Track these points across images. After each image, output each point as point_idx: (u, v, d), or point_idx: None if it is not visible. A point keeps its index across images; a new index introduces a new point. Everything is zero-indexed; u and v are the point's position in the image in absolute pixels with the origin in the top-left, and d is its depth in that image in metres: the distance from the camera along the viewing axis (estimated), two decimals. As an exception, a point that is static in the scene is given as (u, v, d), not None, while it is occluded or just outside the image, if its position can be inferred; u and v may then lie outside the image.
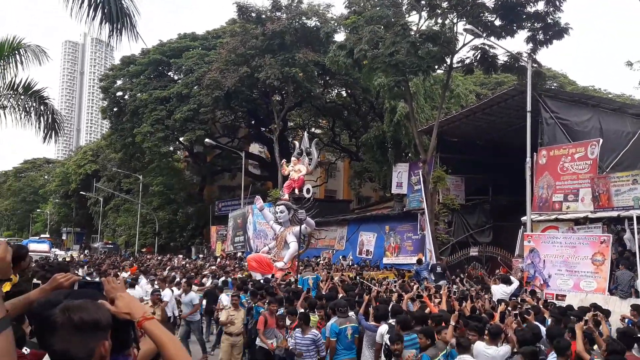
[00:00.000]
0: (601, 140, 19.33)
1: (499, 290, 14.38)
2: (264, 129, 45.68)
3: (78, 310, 2.06)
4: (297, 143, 21.59)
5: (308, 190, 19.97)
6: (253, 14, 37.65)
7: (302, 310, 10.00)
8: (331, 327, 8.86)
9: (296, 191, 19.40)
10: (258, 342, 10.25)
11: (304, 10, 37.03)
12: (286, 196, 19.37)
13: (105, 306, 2.19)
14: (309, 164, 20.40)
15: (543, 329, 8.63)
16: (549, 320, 9.76)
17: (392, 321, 8.77)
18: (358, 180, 44.67)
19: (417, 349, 7.48)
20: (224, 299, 13.48)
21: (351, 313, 9.38)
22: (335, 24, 35.46)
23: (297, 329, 9.06)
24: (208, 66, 40.68)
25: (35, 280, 5.39)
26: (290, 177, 19.90)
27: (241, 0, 37.48)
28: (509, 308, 10.71)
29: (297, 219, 18.27)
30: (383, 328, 8.57)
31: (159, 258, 32.41)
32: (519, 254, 20.15)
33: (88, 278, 3.01)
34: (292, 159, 20.27)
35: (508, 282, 15.09)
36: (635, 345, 7.67)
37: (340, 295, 11.52)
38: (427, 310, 9.67)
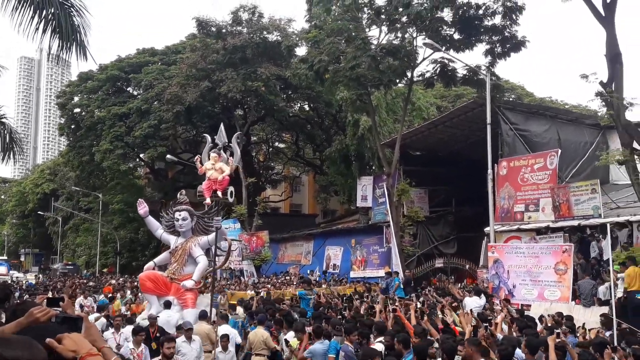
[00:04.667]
0: (560, 151, 19.74)
1: (474, 303, 14.28)
2: (227, 143, 45.20)
3: (1, 345, 1.94)
4: (208, 137, 17.94)
5: (232, 194, 16.97)
6: (213, 29, 37.38)
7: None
8: (332, 345, 8.66)
9: (219, 194, 16.21)
10: None
11: (265, 24, 36.95)
12: (208, 200, 16.13)
13: (51, 344, 2.09)
14: (232, 162, 16.90)
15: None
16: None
17: (382, 339, 8.69)
18: (324, 194, 44.61)
19: None
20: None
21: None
22: (297, 39, 35.45)
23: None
24: (168, 81, 40.10)
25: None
26: (208, 177, 16.51)
27: (201, 15, 37.29)
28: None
29: (202, 228, 15.62)
30: (379, 347, 8.42)
31: (121, 280, 31.63)
32: (483, 265, 20.34)
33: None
34: (212, 155, 16.82)
35: (481, 294, 15.11)
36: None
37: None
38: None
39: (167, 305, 13.51)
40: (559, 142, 21.06)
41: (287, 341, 10.35)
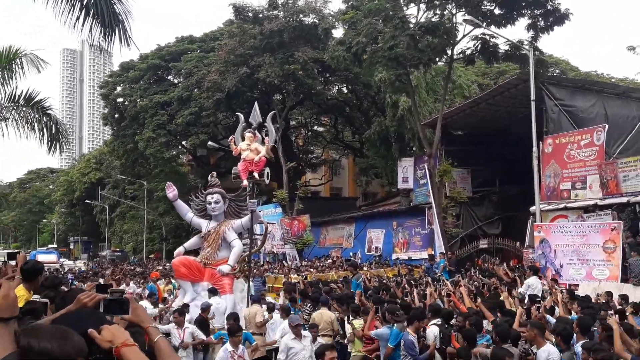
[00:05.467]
0: (607, 126, 19.14)
1: (538, 283, 13.64)
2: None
3: (30, 335, 1.97)
4: (241, 116, 17.26)
5: (268, 175, 16.33)
6: (250, 14, 37.45)
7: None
8: (393, 333, 8.35)
9: (255, 175, 15.58)
10: None
11: (301, 7, 36.81)
12: (245, 182, 15.61)
13: (92, 334, 2.14)
14: (268, 142, 16.31)
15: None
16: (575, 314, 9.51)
17: (437, 321, 8.62)
18: (364, 177, 44.44)
19: None
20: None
21: None
22: (333, 20, 35.22)
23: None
24: (207, 68, 40.55)
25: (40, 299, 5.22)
26: (244, 158, 15.82)
27: (237, 0, 37.32)
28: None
29: (235, 211, 14.99)
30: (433, 329, 8.39)
31: (167, 265, 32.23)
32: (529, 245, 20.00)
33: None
34: (247, 134, 16.12)
35: (538, 272, 14.71)
36: None
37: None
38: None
39: (213, 292, 13.13)
40: (605, 117, 20.36)
41: (347, 321, 10.32)
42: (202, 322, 10.72)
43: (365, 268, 22.12)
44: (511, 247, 23.21)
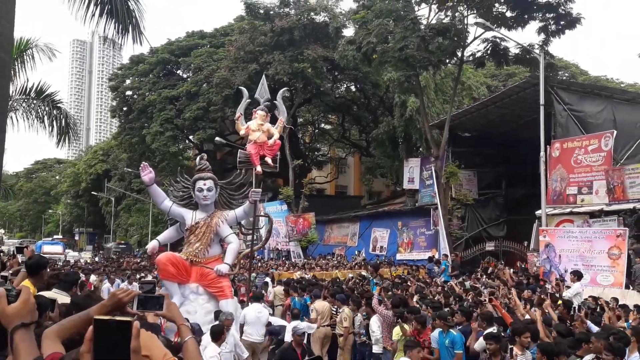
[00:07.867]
0: (615, 132, 19.10)
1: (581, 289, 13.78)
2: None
3: None
4: (244, 90, 14.50)
5: (276, 161, 14.06)
6: (261, 11, 37.55)
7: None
8: (456, 337, 8.23)
9: (268, 160, 13.47)
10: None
11: (313, 5, 36.84)
12: (259, 169, 13.46)
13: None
14: (282, 121, 14.05)
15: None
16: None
17: (492, 329, 8.25)
18: (369, 175, 44.49)
19: None
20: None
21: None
22: (344, 19, 35.24)
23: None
24: (217, 64, 40.64)
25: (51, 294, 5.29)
26: (254, 140, 13.57)
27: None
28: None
29: (226, 201, 12.78)
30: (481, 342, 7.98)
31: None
32: (534, 248, 20.00)
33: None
34: (260, 112, 13.71)
35: (581, 277, 14.66)
36: None
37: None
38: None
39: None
40: (614, 122, 20.30)
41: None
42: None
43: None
44: (518, 250, 23.17)
